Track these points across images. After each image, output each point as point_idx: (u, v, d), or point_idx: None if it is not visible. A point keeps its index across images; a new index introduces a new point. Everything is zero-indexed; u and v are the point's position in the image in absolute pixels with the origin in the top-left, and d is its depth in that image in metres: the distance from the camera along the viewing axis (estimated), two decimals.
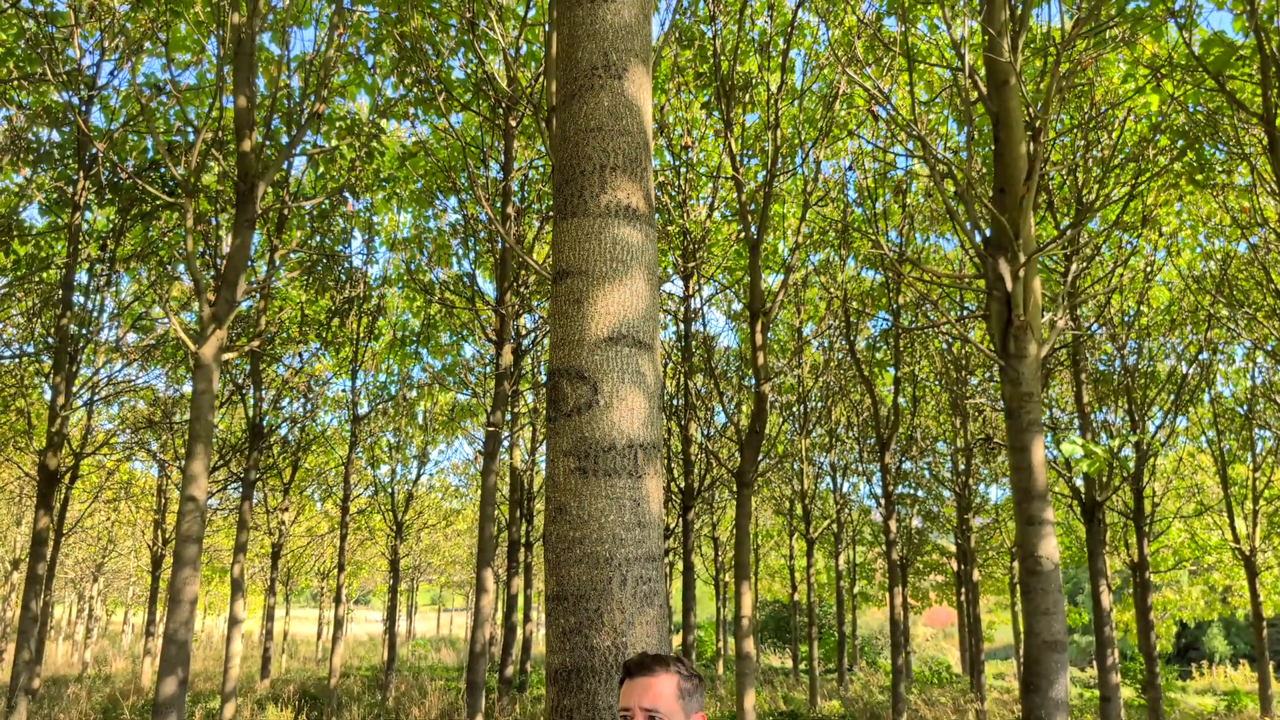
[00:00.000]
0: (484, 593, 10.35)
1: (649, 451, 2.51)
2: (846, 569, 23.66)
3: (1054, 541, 5.93)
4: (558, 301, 2.60)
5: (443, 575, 36.18)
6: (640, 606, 2.38)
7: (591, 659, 2.33)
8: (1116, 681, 11.67)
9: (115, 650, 29.92)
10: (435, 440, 19.09)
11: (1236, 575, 19.63)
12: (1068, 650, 5.84)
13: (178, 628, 6.84)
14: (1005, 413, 6.15)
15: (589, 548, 2.41)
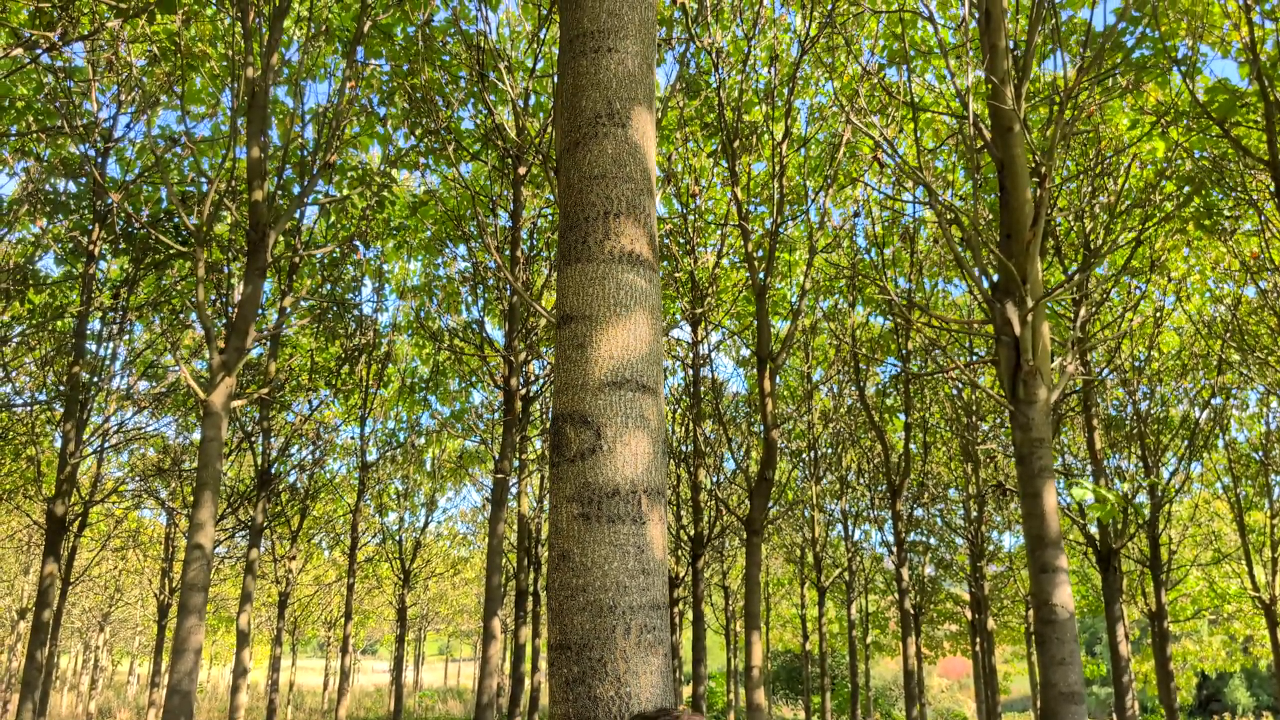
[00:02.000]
0: (491, 641, 10.22)
1: (653, 496, 2.49)
2: (859, 618, 23.32)
3: (1069, 589, 5.84)
4: (561, 346, 2.61)
5: (450, 625, 35.81)
6: (645, 655, 2.34)
7: (595, 709, 2.29)
8: None
9: (120, 701, 29.58)
10: (443, 488, 19.03)
11: (1257, 625, 19.25)
12: (1085, 702, 5.71)
13: (181, 678, 6.76)
14: (1016, 459, 6.09)
15: (592, 595, 2.38)
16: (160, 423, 16.10)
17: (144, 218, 11.27)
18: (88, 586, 23.98)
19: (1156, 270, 11.54)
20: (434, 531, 24.21)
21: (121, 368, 13.52)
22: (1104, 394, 13.91)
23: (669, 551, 11.08)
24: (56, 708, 27.24)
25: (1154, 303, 12.93)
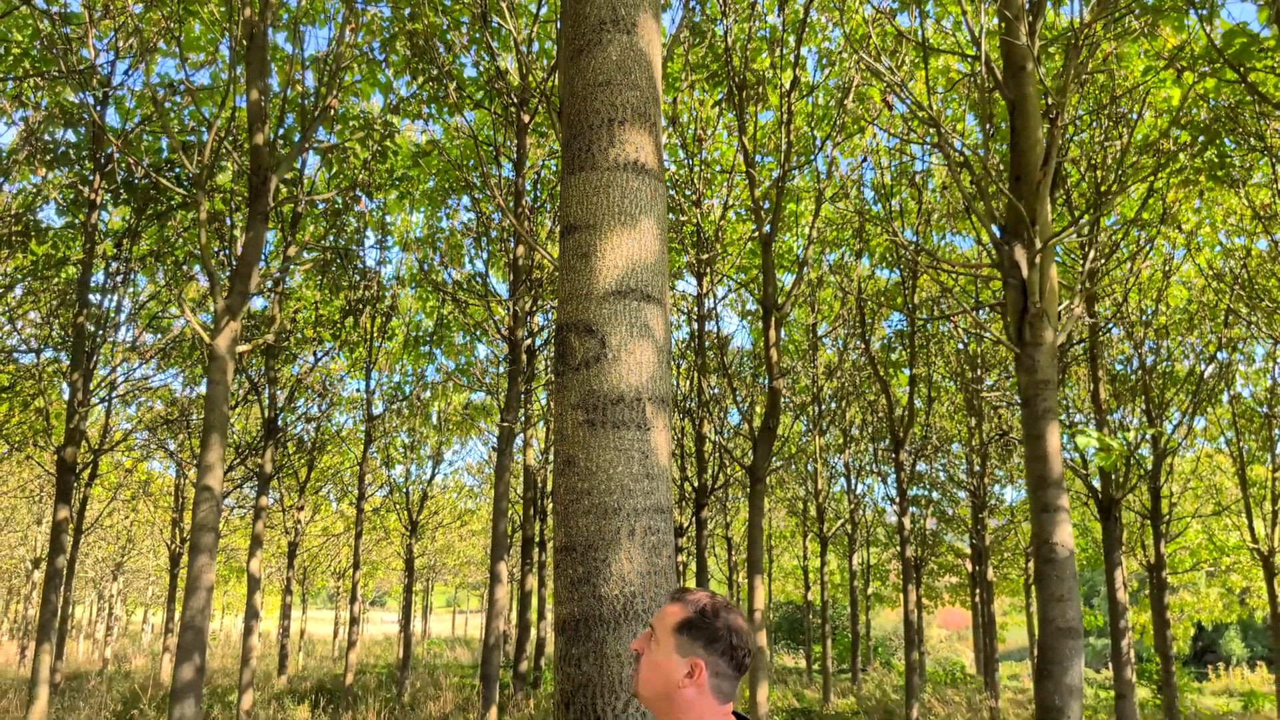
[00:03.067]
0: (498, 585, 10.37)
1: (657, 404, 2.50)
2: (860, 570, 23.58)
3: (1069, 529, 5.88)
4: (565, 256, 2.60)
5: (457, 576, 36.28)
6: (649, 556, 2.37)
7: (599, 608, 2.33)
8: (1131, 678, 11.56)
9: (135, 648, 30.14)
10: (449, 440, 19.15)
11: (1255, 576, 19.42)
12: (1082, 638, 5.79)
13: (194, 614, 6.88)
14: (1021, 402, 6.11)
15: (597, 499, 2.40)
16: (166, 375, 16.18)
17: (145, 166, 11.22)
18: (100, 536, 24.30)
19: (1167, 222, 11.44)
20: (440, 484, 24.44)
21: (126, 320, 13.55)
22: (1109, 348, 13.89)
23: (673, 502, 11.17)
24: (73, 654, 27.78)
25: (1163, 254, 12.85)
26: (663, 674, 1.78)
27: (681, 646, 1.79)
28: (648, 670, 1.78)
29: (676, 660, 1.78)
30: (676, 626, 1.80)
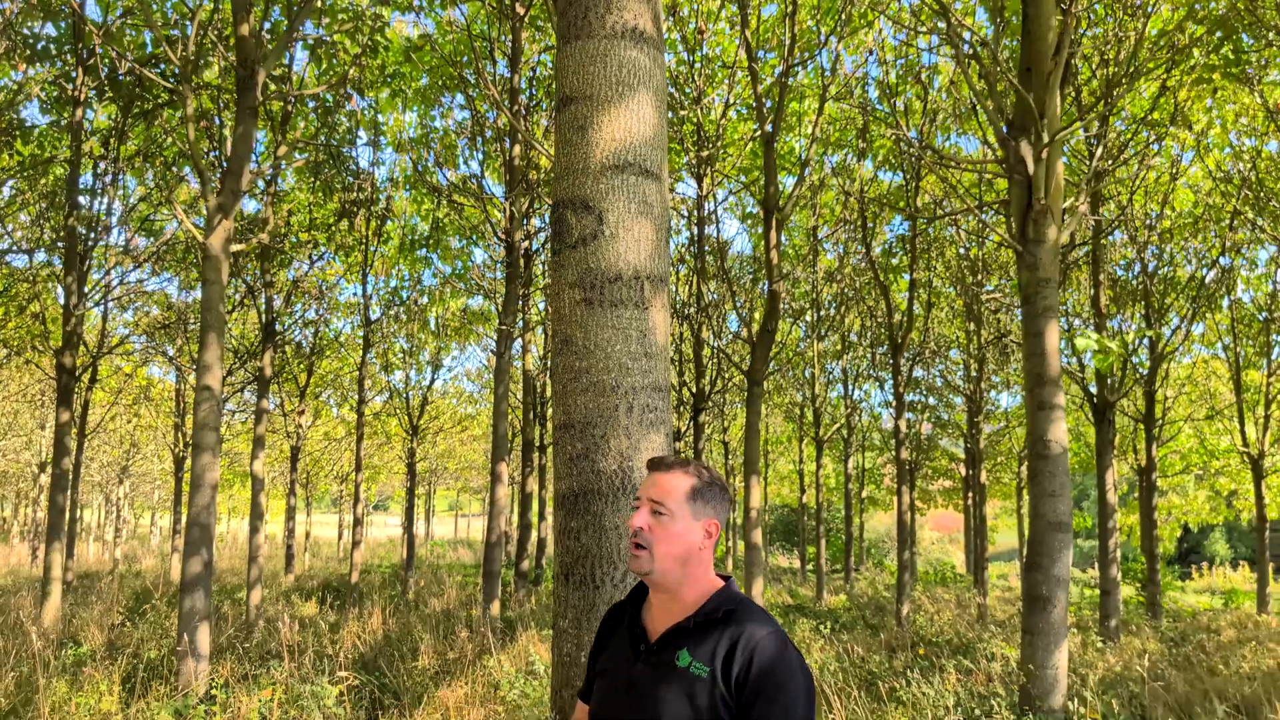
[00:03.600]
0: (499, 485, 10.52)
1: (656, 283, 2.47)
2: (855, 473, 23.97)
3: (1063, 427, 5.94)
4: (562, 130, 2.51)
5: (459, 480, 36.90)
6: (646, 433, 2.38)
7: (598, 482, 2.34)
8: (1117, 576, 11.88)
9: (144, 549, 30.89)
10: (448, 347, 19.19)
11: (1243, 479, 19.77)
12: (1071, 531, 5.91)
13: (199, 511, 6.99)
14: (1022, 300, 6.08)
15: (595, 376, 2.39)
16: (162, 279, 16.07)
17: (129, 61, 10.88)
18: (104, 440, 24.57)
19: (1177, 122, 11.19)
20: (440, 390, 24.61)
21: (118, 222, 13.39)
22: (1111, 252, 13.79)
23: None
24: (84, 556, 28.47)
25: (1171, 156, 12.62)
26: (683, 542, 1.83)
27: (697, 512, 1.86)
28: (666, 543, 1.82)
29: (694, 526, 1.84)
30: (690, 494, 1.85)
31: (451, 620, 11.35)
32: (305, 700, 6.14)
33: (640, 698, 1.77)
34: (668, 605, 1.87)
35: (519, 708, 6.10)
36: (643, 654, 1.83)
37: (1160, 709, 6.91)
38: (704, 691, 1.70)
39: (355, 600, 14.23)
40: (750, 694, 1.68)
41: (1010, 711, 5.98)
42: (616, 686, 1.83)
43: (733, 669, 1.70)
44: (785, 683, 1.69)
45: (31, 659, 7.80)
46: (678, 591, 1.86)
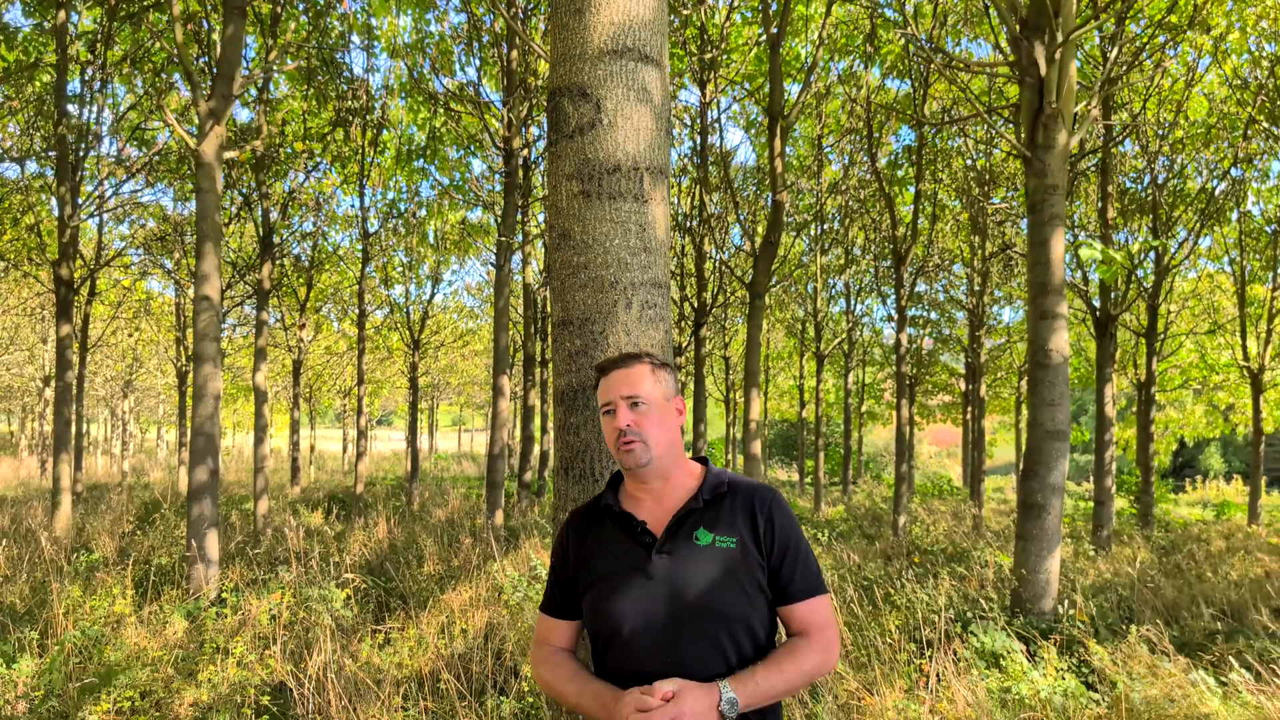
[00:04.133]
0: (500, 397, 10.57)
1: (655, 174, 2.40)
2: (855, 388, 24.10)
3: (1065, 336, 5.91)
4: (557, 14, 2.40)
5: (461, 395, 37.15)
6: (646, 330, 2.35)
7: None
8: (1111, 487, 12.04)
9: (152, 463, 31.31)
10: (447, 260, 19.05)
11: (1241, 393, 19.87)
12: (1068, 440, 5.95)
13: (203, 421, 7.04)
14: (1029, 207, 5.98)
15: (594, 272, 2.34)
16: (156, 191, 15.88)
17: None
18: (106, 355, 24.65)
19: (1195, 26, 10.82)
20: (441, 304, 24.55)
21: (109, 132, 13.14)
22: (1121, 164, 13.54)
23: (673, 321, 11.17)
24: (92, 468, 28.88)
25: (1187, 63, 12.26)
26: (669, 427, 1.90)
27: (665, 394, 1.92)
28: (655, 429, 1.86)
29: (668, 408, 1.91)
30: (654, 380, 1.90)
31: (456, 529, 11.57)
32: (313, 603, 6.29)
33: (672, 585, 1.79)
34: (661, 493, 1.88)
35: (522, 610, 6.25)
36: (654, 545, 1.83)
37: (1148, 612, 7.08)
38: (737, 561, 1.80)
39: (360, 511, 14.48)
40: (779, 552, 1.83)
41: (1002, 614, 6.12)
42: (630, 583, 1.82)
43: (760, 534, 1.82)
44: (799, 536, 1.86)
45: (45, 565, 7.97)
46: (670, 476, 1.88)
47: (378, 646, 5.73)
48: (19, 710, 4.34)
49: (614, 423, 1.85)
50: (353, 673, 4.95)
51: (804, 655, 1.81)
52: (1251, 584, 8.66)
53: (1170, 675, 4.80)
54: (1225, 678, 5.01)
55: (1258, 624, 6.64)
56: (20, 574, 7.59)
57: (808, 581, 1.84)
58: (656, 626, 1.78)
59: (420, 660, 5.42)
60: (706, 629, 1.77)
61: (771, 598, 1.85)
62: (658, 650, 1.77)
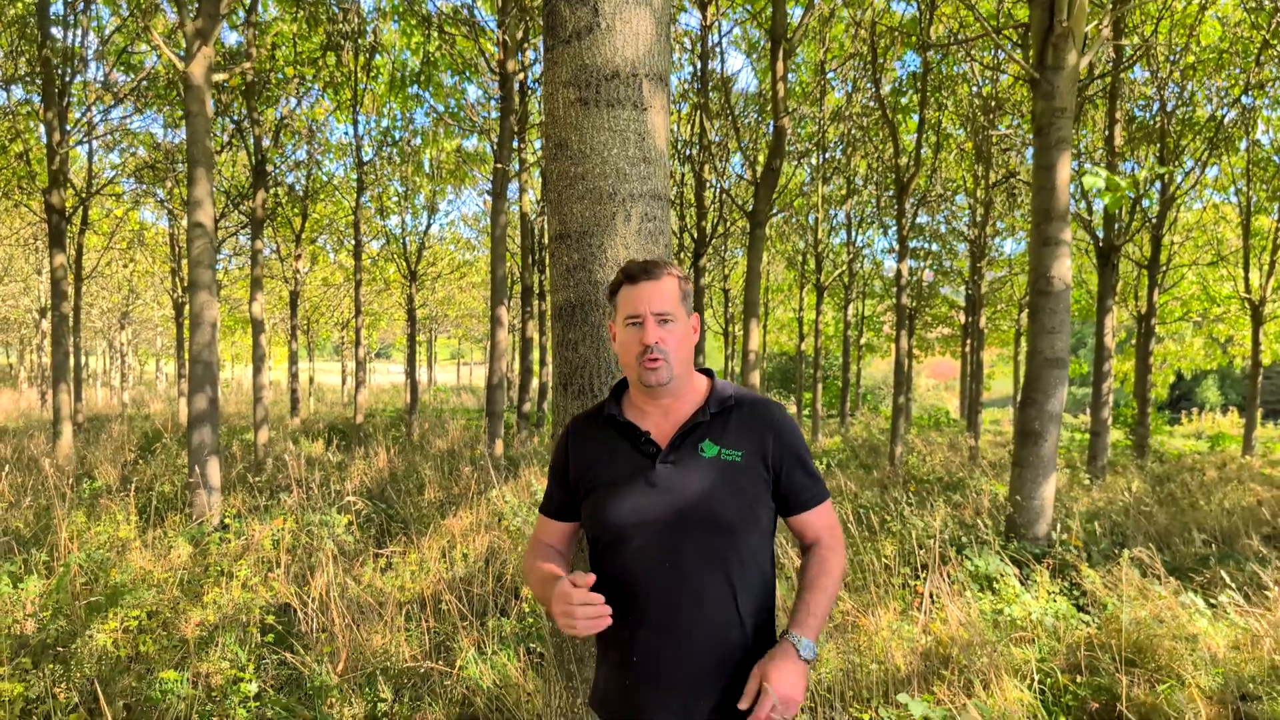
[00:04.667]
0: (499, 328, 10.55)
1: (655, 81, 2.32)
2: (854, 320, 24.06)
3: (1068, 263, 5.86)
4: None
5: (460, 328, 37.13)
6: (644, 243, 2.30)
7: (595, 293, 2.29)
8: (1107, 419, 12.11)
9: (152, 395, 31.43)
10: (443, 190, 18.81)
11: (1241, 325, 19.86)
12: (1067, 369, 5.94)
13: (201, 349, 7.01)
14: (1034, 131, 5.87)
15: (591, 183, 2.28)
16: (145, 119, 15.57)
17: None
18: (102, 286, 24.53)
19: None
20: (437, 235, 24.35)
21: (94, 56, 12.83)
22: (1131, 92, 13.28)
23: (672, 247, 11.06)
24: (92, 400, 28.99)
25: None
26: (688, 344, 1.89)
27: (687, 310, 1.91)
28: (678, 348, 1.85)
29: (688, 325, 1.90)
30: (681, 296, 1.88)
31: (456, 459, 11.65)
32: (315, 528, 6.36)
33: (674, 494, 1.80)
34: (669, 408, 1.87)
35: (522, 534, 6.32)
36: (658, 455, 1.83)
37: (1141, 538, 7.17)
38: (743, 473, 1.82)
39: (361, 441, 14.58)
40: (789, 464, 1.86)
41: (996, 539, 6.20)
42: (633, 491, 1.82)
43: (767, 448, 1.85)
44: (804, 446, 1.90)
45: (48, 492, 8.04)
46: (681, 391, 1.86)
47: (380, 571, 5.81)
48: (28, 629, 4.41)
49: (641, 337, 1.82)
50: (356, 594, 5.03)
51: (832, 564, 1.88)
52: (1243, 511, 8.77)
53: (1160, 597, 4.88)
54: (1215, 600, 5.09)
55: (1248, 549, 6.73)
56: (24, 500, 7.66)
57: (816, 488, 1.90)
58: (656, 534, 1.78)
59: (422, 583, 5.49)
60: (706, 539, 1.77)
61: (781, 509, 1.89)
62: (656, 558, 1.77)
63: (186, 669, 4.01)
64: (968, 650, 4.28)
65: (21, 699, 3.69)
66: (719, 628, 1.78)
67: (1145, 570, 5.53)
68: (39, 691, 3.74)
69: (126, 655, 4.19)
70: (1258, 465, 14.31)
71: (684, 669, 1.77)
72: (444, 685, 3.89)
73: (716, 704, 1.78)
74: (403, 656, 4.23)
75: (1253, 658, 4.26)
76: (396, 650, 4.29)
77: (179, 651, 4.27)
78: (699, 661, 1.77)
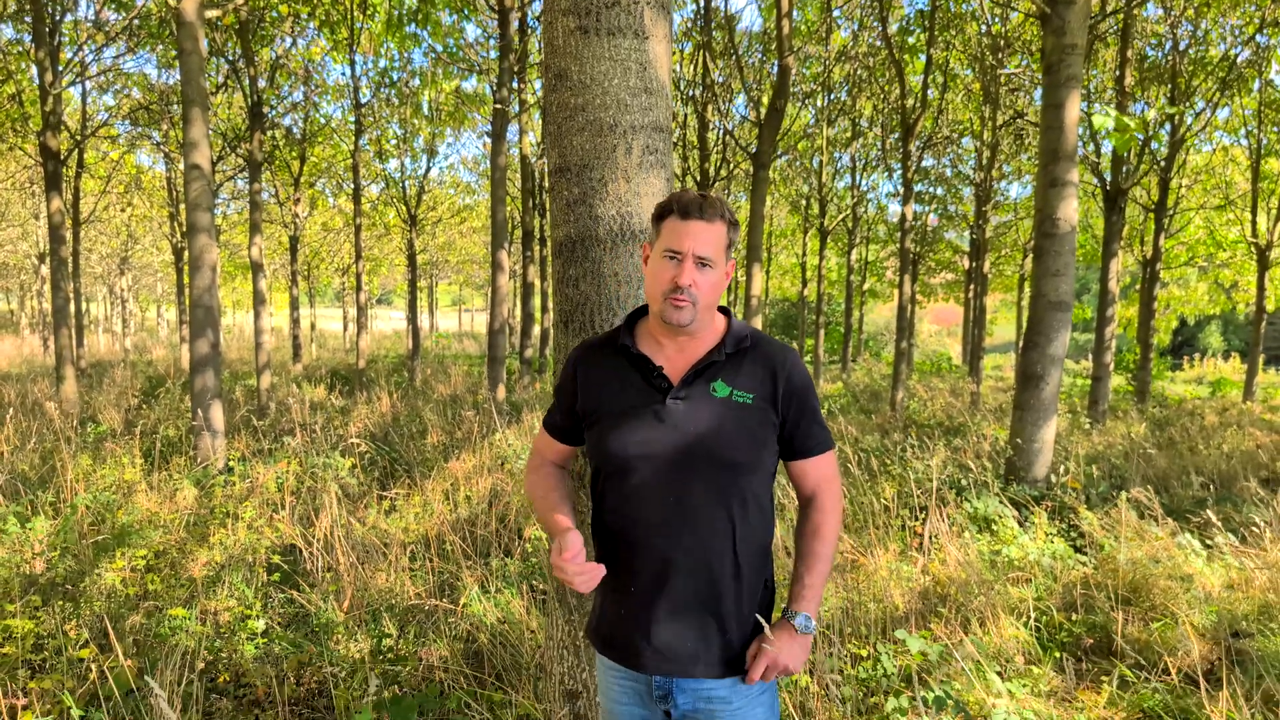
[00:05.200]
0: (500, 273, 10.50)
1: (656, 9, 2.25)
2: (857, 266, 23.93)
3: (1074, 205, 5.79)
4: None
5: (460, 274, 36.99)
6: (646, 176, 2.26)
7: (596, 228, 2.26)
8: (1109, 363, 12.10)
9: (153, 341, 31.47)
10: (442, 132, 18.57)
11: (1247, 270, 19.75)
12: (1071, 312, 5.91)
13: (201, 293, 6.99)
14: (1044, 69, 5.75)
15: (592, 115, 2.23)
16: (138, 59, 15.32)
17: None
18: (101, 230, 24.39)
19: None
20: (437, 179, 24.11)
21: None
22: (1142, 30, 13.00)
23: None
24: (94, 346, 29.03)
25: None
26: (719, 290, 1.85)
27: (727, 258, 1.87)
28: (708, 294, 1.82)
29: (724, 272, 1.86)
30: (727, 245, 1.84)
31: (458, 404, 11.69)
32: (319, 471, 6.40)
33: (683, 430, 1.80)
34: (685, 344, 1.86)
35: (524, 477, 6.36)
36: (669, 391, 1.82)
37: (1139, 481, 7.22)
38: (752, 415, 1.82)
39: (363, 386, 14.62)
40: (795, 411, 1.85)
41: (996, 482, 6.23)
42: (641, 424, 1.82)
43: (778, 392, 1.84)
44: (813, 394, 1.89)
45: (53, 436, 8.09)
46: (700, 332, 1.84)
47: (384, 512, 5.87)
48: (37, 568, 4.47)
49: (674, 274, 1.78)
50: (360, 535, 5.08)
51: (827, 531, 1.89)
52: (1242, 455, 8.81)
53: (1157, 538, 4.92)
54: (1211, 541, 5.14)
55: (1246, 491, 6.78)
56: (29, 444, 7.71)
57: (821, 436, 1.89)
58: (660, 469, 1.79)
59: (426, 524, 5.55)
60: (711, 477, 1.77)
61: (784, 453, 1.89)
62: (660, 493, 1.78)
63: (195, 607, 4.07)
64: (965, 589, 4.33)
65: (33, 635, 3.75)
66: (716, 564, 1.80)
67: (1143, 512, 5.58)
68: (50, 628, 3.80)
69: (135, 594, 4.25)
70: (1258, 411, 14.35)
71: (678, 603, 1.80)
72: (448, 622, 3.95)
73: (708, 638, 1.81)
74: (407, 595, 4.29)
75: (1246, 597, 4.31)
76: (401, 589, 4.35)
77: (187, 590, 4.33)
78: (693, 596, 1.80)
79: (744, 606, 1.84)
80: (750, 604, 1.85)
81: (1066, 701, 3.55)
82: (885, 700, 3.25)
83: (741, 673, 1.84)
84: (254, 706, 3.41)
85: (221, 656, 3.69)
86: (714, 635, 1.82)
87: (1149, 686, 3.55)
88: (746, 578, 1.84)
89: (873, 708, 3.29)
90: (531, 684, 3.35)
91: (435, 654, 3.66)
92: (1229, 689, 3.28)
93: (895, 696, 3.19)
